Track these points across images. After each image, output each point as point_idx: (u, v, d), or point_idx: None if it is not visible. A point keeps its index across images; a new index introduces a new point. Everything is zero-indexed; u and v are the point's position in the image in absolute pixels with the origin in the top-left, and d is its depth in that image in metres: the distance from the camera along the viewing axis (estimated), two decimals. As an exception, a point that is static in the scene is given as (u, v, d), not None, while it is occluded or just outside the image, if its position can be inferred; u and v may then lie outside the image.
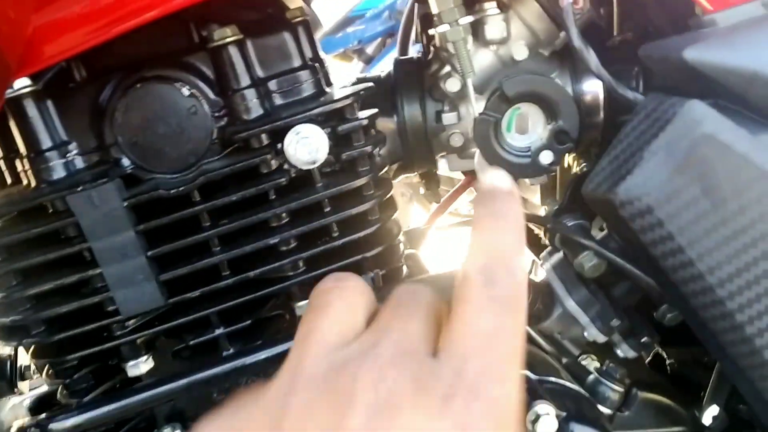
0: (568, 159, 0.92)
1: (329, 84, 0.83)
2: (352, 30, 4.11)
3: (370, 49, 4.15)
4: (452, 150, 0.87)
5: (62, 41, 0.55)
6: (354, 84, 0.89)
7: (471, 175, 0.96)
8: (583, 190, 0.70)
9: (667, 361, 1.09)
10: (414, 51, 1.03)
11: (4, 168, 0.75)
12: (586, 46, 0.67)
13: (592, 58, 0.67)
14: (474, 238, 0.58)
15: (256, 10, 0.75)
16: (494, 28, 0.75)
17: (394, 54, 1.23)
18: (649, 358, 0.95)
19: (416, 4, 1.01)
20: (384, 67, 0.92)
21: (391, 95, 0.85)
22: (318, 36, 0.88)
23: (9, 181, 0.75)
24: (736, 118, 0.62)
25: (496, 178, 0.62)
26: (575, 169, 0.91)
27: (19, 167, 0.71)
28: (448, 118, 0.83)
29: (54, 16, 0.55)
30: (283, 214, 0.73)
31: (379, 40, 4.15)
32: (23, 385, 1.24)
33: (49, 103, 0.68)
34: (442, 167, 0.92)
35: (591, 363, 0.95)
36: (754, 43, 0.63)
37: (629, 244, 0.71)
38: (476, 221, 0.59)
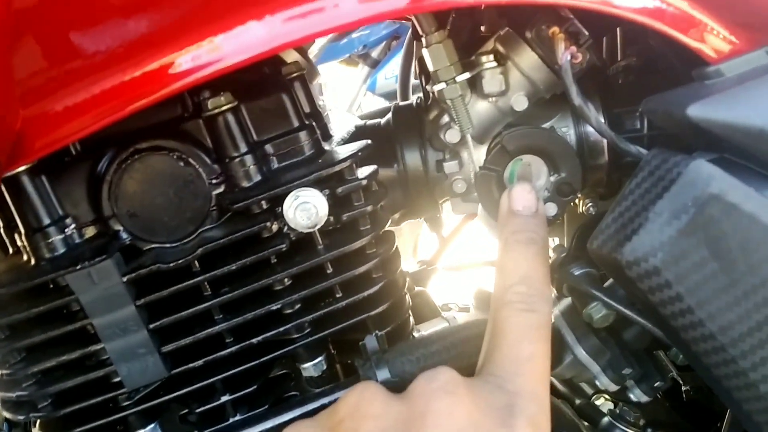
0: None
1: (327, 138, 0.82)
2: (357, 35, 4.09)
3: (375, 53, 4.14)
4: (455, 195, 0.85)
5: (52, 134, 0.55)
6: (353, 133, 0.88)
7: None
8: (588, 246, 0.68)
9: (683, 388, 1.08)
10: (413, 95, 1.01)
11: (4, 236, 0.74)
12: (586, 103, 0.65)
13: (593, 114, 0.65)
14: (507, 263, 0.59)
15: (251, 71, 0.74)
16: (492, 82, 0.73)
17: (399, 57, 1.21)
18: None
19: (414, 42, 1.00)
20: (382, 106, 0.91)
21: (391, 144, 0.84)
22: (315, 84, 0.86)
23: (11, 250, 0.74)
24: (742, 175, 0.60)
25: (521, 197, 0.63)
26: (581, 209, 0.90)
27: (18, 241, 0.70)
28: (450, 166, 0.82)
29: (43, 110, 0.54)
30: (286, 279, 0.72)
31: (384, 43, 4.13)
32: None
33: (44, 179, 0.67)
34: (446, 210, 0.91)
35: (605, 404, 0.94)
36: (759, 96, 0.61)
37: (638, 300, 0.69)
38: (506, 244, 0.60)
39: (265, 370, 0.76)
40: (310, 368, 0.75)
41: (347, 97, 3.97)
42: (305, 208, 0.68)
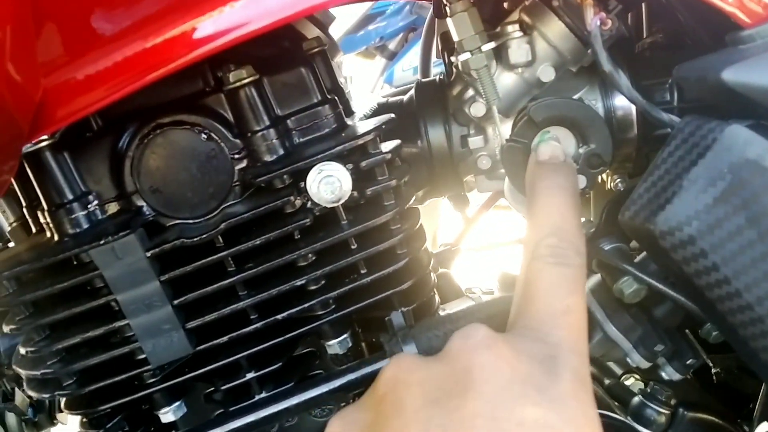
0: (602, 175, 0.88)
1: (350, 114, 0.81)
2: (374, 27, 4.08)
3: (392, 45, 4.12)
4: (480, 172, 0.84)
5: (73, 103, 0.54)
6: (375, 110, 0.87)
7: (497, 193, 0.93)
8: (620, 218, 0.67)
9: (713, 371, 1.06)
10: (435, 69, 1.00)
11: (27, 216, 0.74)
12: (617, 69, 0.63)
13: (623, 81, 0.63)
14: (537, 213, 0.58)
15: (271, 45, 0.73)
16: (518, 52, 0.72)
17: (417, 49, 1.20)
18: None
19: (436, 20, 0.99)
20: (406, 77, 0.89)
21: (415, 121, 0.83)
22: (337, 62, 0.85)
23: (34, 229, 0.74)
24: (776, 141, 0.59)
25: (547, 149, 0.62)
26: (609, 185, 0.88)
27: (41, 218, 0.70)
28: (475, 142, 0.80)
29: (64, 79, 0.53)
30: (310, 254, 0.71)
31: (401, 35, 4.11)
32: (62, 417, 1.25)
33: (67, 155, 0.67)
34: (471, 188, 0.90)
35: (635, 384, 0.92)
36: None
37: (671, 272, 0.68)
38: (535, 194, 0.59)
39: (290, 347, 0.75)
40: (336, 345, 0.74)
41: (365, 89, 3.96)
42: (329, 182, 0.67)
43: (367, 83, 4.02)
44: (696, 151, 0.60)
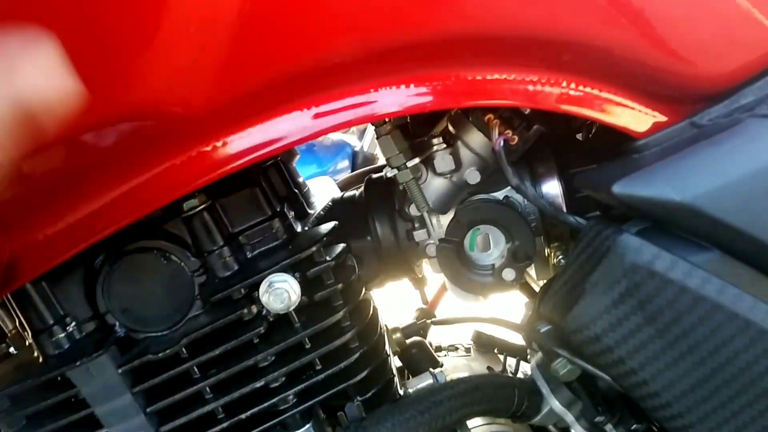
0: (547, 249, 0.95)
1: (304, 216, 0.88)
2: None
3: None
4: (430, 257, 0.91)
5: (40, 260, 0.62)
6: (329, 208, 0.95)
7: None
8: (541, 311, 0.73)
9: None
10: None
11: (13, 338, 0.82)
12: (523, 181, 0.70)
13: (530, 192, 0.70)
14: None
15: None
16: (443, 162, 0.78)
17: None
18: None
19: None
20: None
21: (364, 217, 0.90)
22: (292, 167, 0.93)
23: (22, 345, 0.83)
24: (669, 244, 0.65)
25: None
26: (553, 261, 0.94)
27: (27, 340, 0.78)
28: (419, 235, 0.87)
29: (27, 240, 0.61)
30: (270, 356, 0.78)
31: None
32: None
33: (45, 284, 0.75)
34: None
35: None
36: (676, 170, 0.65)
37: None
38: None
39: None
40: (300, 435, 0.81)
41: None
42: (278, 293, 0.75)
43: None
44: (596, 256, 0.67)
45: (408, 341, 1.12)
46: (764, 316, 0.64)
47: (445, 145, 0.79)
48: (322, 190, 1.02)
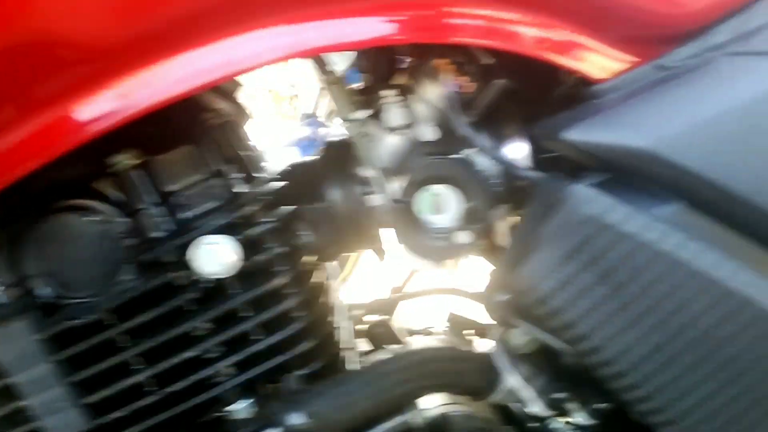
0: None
1: (250, 181, 0.83)
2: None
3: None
4: (388, 225, 0.85)
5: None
6: (285, 171, 0.89)
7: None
8: (496, 275, 0.68)
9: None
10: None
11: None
12: (476, 132, 0.65)
13: (483, 143, 0.65)
14: None
15: (161, 124, 0.76)
16: (393, 115, 0.73)
17: None
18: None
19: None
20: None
21: (319, 181, 0.84)
22: (242, 130, 0.88)
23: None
24: (627, 196, 0.59)
25: None
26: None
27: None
28: (373, 199, 0.82)
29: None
30: (208, 324, 0.73)
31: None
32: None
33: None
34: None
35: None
36: (637, 115, 0.60)
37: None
38: None
39: (196, 415, 0.77)
40: (240, 411, 0.76)
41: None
42: (209, 255, 0.69)
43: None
44: (547, 211, 0.61)
45: (374, 320, 1.06)
46: (729, 273, 0.58)
47: (397, 98, 0.73)
48: (280, 156, 0.97)
